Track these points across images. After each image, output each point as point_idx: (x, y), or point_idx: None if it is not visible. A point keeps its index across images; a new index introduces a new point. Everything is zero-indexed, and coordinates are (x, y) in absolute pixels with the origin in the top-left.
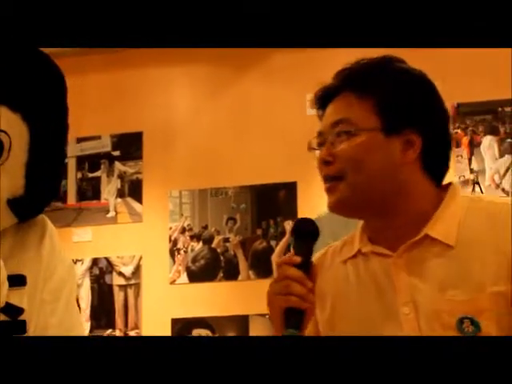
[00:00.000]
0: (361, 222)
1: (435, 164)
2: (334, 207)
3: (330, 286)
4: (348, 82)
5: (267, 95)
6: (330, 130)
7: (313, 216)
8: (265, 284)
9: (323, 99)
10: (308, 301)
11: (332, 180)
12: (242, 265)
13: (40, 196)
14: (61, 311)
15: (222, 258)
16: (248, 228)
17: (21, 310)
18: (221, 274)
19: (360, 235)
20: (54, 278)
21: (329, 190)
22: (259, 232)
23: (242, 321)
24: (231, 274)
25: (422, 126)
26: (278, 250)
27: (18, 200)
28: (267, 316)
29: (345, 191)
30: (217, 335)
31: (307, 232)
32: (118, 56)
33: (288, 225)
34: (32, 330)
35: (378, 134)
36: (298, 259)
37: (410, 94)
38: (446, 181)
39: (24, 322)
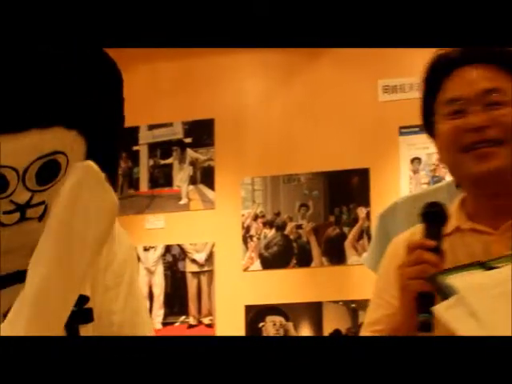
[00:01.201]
0: (458, 199)
1: None
2: (490, 174)
3: None
4: (487, 55)
5: (339, 81)
6: (480, 97)
7: (387, 202)
8: (338, 270)
9: (448, 66)
10: None
11: (491, 144)
12: (315, 251)
13: None
14: (124, 295)
15: (294, 244)
16: (321, 214)
17: (86, 298)
18: (294, 261)
19: (457, 212)
20: (114, 263)
21: (485, 156)
22: (332, 219)
23: (316, 308)
24: (304, 260)
25: None
26: (351, 236)
27: None
28: (340, 303)
29: (506, 157)
30: (291, 322)
31: (438, 215)
32: None
33: (361, 211)
34: (97, 318)
35: None
36: (432, 243)
37: None
38: None
39: (91, 309)
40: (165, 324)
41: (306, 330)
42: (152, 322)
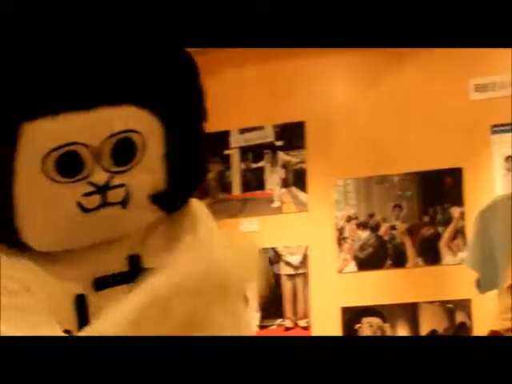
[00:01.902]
0: None
1: None
2: None
3: None
4: None
5: (429, 81)
6: None
7: (481, 201)
8: (433, 271)
9: None
10: None
11: None
12: (410, 252)
13: (182, 187)
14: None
15: (389, 245)
16: (414, 215)
17: None
18: (389, 262)
19: None
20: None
21: None
22: (426, 219)
23: (412, 308)
24: (399, 261)
25: None
26: (445, 236)
27: (161, 194)
28: (436, 303)
29: None
30: (387, 323)
31: None
32: None
33: (455, 211)
34: None
35: None
36: None
37: None
38: None
39: None
40: (261, 327)
41: (402, 331)
42: (251, 324)
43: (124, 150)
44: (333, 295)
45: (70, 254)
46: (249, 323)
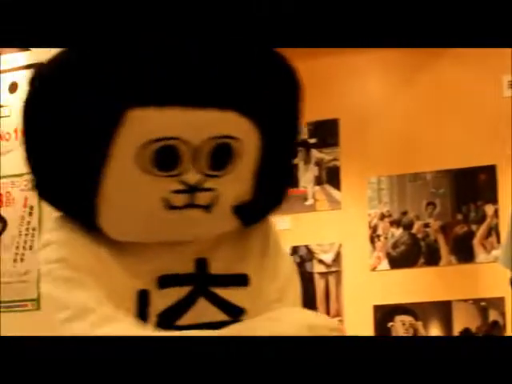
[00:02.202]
0: None
1: None
2: None
3: None
4: None
5: (461, 78)
6: None
7: None
8: (466, 269)
9: None
10: None
11: None
12: (444, 250)
13: (267, 201)
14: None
15: (422, 243)
16: (448, 213)
17: (242, 310)
18: (422, 260)
19: None
20: (279, 278)
21: None
22: (459, 216)
23: (445, 306)
24: (432, 259)
25: None
26: (479, 234)
27: (244, 206)
28: (470, 301)
29: None
30: (420, 322)
31: None
32: None
33: (489, 208)
34: None
35: None
36: None
37: None
38: None
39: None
40: None
41: (435, 330)
42: None
43: (221, 155)
44: (365, 293)
45: (140, 247)
46: None
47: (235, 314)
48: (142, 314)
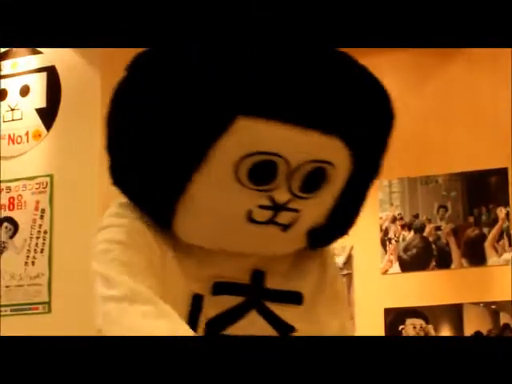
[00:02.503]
0: None
1: None
2: None
3: None
4: None
5: (473, 81)
6: None
7: None
8: (478, 272)
9: None
10: None
11: None
12: (455, 253)
13: (339, 227)
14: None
15: (434, 246)
16: (460, 216)
17: (291, 328)
18: (433, 263)
19: None
20: (334, 299)
21: None
22: (471, 219)
23: (456, 309)
24: (444, 262)
25: None
26: (491, 237)
27: (317, 231)
28: (481, 304)
29: None
30: (431, 325)
31: None
32: None
33: (500, 211)
34: None
35: None
36: None
37: None
38: None
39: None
40: None
41: (446, 333)
42: None
43: (315, 179)
44: (377, 296)
45: (202, 251)
46: None
47: (285, 331)
48: (193, 319)
